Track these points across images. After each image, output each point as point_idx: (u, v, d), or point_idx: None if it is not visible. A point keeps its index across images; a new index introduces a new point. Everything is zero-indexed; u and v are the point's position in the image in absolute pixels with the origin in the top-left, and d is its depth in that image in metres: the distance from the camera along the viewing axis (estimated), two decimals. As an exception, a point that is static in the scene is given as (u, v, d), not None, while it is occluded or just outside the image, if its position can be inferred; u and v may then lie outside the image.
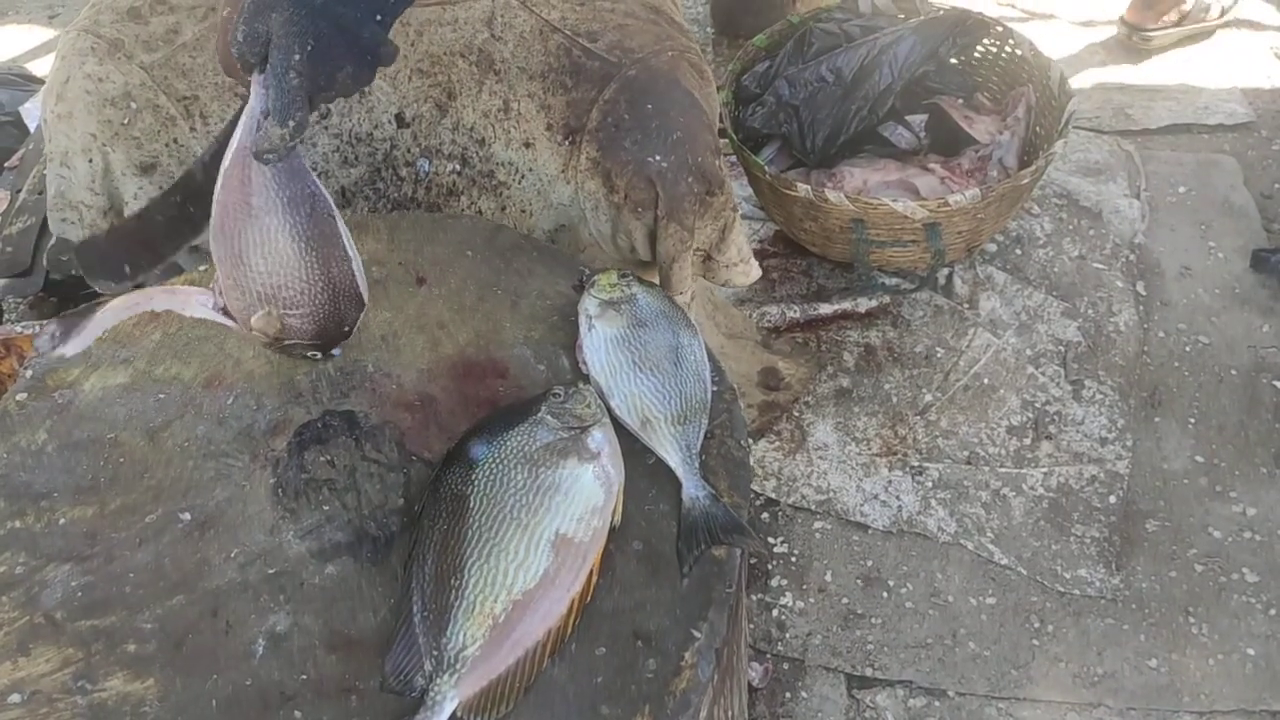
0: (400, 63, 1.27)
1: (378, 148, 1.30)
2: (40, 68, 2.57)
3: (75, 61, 1.24)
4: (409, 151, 1.29)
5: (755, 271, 1.40)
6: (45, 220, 1.68)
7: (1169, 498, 1.62)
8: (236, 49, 0.87)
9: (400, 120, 1.28)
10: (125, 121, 1.23)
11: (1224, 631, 1.46)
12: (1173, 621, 1.48)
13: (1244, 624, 1.47)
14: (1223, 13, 2.50)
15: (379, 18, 0.88)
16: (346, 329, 0.98)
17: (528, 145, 1.26)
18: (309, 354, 0.99)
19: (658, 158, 1.20)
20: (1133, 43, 2.50)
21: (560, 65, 1.26)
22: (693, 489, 0.89)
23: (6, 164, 2.18)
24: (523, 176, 1.28)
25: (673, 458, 0.91)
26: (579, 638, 0.80)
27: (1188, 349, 1.83)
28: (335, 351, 1.00)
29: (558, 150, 1.26)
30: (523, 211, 1.30)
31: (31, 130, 2.19)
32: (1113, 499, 1.61)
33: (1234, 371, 1.79)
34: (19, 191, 2.01)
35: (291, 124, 0.85)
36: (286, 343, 0.97)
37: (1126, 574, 1.53)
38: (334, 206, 0.94)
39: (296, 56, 0.85)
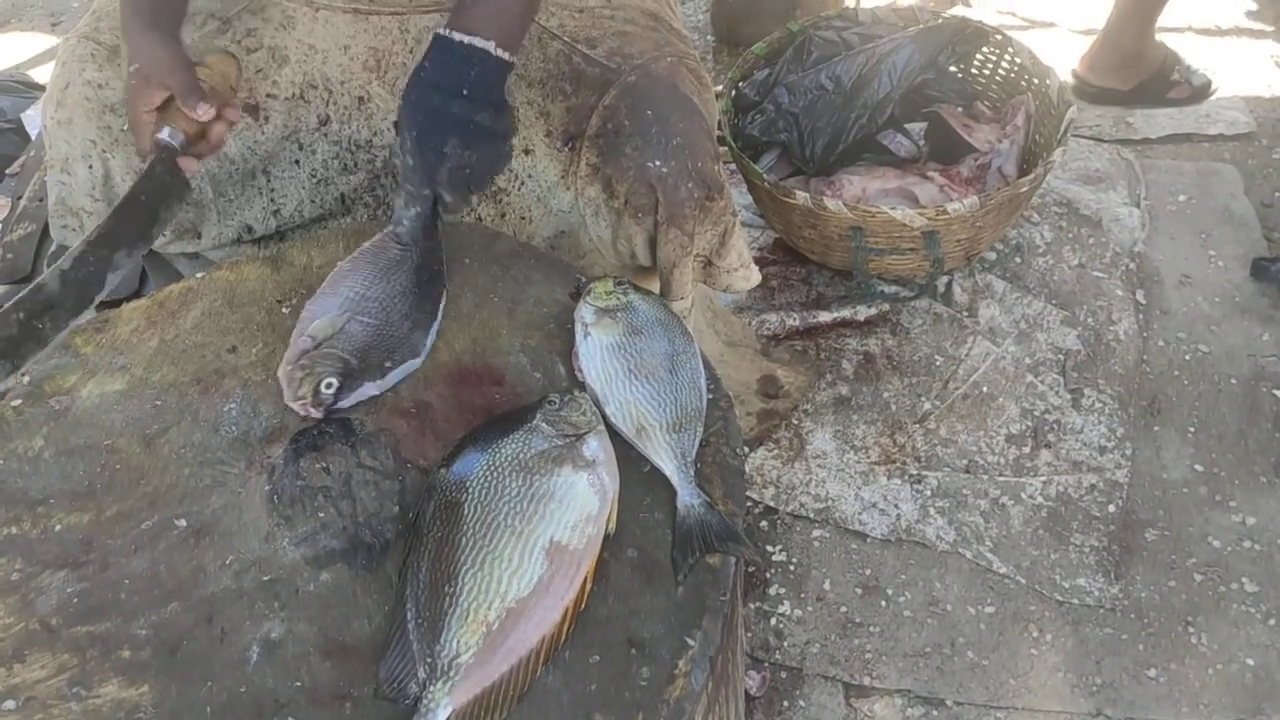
0: (398, 69, 1.27)
1: (377, 155, 1.30)
2: (43, 74, 2.58)
3: (75, 68, 1.24)
4: (408, 158, 1.30)
5: (755, 276, 1.40)
6: (46, 227, 1.69)
7: (1168, 507, 1.62)
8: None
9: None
10: (125, 128, 1.23)
11: (1223, 641, 1.46)
12: (1172, 631, 1.47)
13: (1243, 634, 1.47)
14: (1191, 94, 2.30)
15: (465, 92, 1.03)
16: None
17: (527, 152, 1.26)
18: (326, 382, 0.97)
19: (658, 163, 1.21)
20: (1086, 95, 2.34)
21: (559, 72, 1.26)
22: (688, 496, 0.89)
23: (8, 170, 2.19)
24: (522, 183, 1.28)
25: (668, 465, 0.91)
26: (573, 645, 0.80)
27: (1187, 358, 1.83)
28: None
29: (557, 156, 1.26)
30: (522, 218, 1.30)
31: (33, 137, 2.20)
32: (1112, 508, 1.61)
33: (1234, 380, 1.78)
34: (20, 198, 2.02)
35: (415, 210, 1.08)
36: (319, 366, 0.99)
37: (1125, 583, 1.53)
38: (446, 282, 1.09)
39: (408, 144, 1.04)
